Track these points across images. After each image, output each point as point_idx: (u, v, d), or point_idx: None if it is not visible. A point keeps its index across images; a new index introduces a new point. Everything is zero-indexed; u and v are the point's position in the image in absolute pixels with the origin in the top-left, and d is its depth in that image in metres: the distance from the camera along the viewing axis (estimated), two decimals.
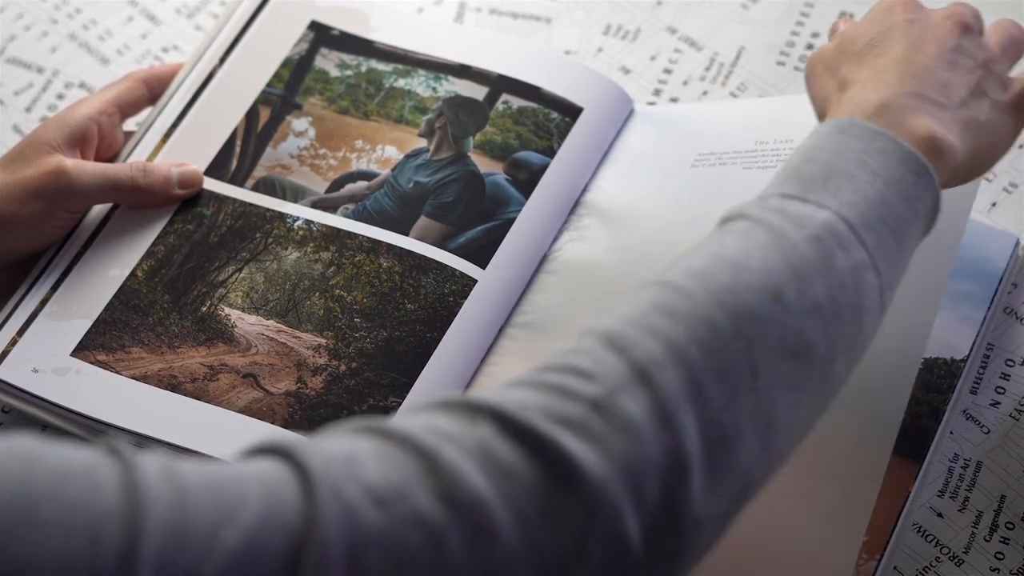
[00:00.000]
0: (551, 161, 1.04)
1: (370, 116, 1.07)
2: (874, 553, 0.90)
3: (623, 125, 1.07)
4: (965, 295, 0.99)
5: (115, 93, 1.05)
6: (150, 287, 1.00)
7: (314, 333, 0.97)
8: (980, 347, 0.98)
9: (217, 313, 0.99)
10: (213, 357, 0.97)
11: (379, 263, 1.00)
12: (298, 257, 1.01)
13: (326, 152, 1.06)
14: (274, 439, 0.66)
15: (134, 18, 1.20)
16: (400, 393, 0.94)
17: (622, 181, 1.04)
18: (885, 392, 0.93)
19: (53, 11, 1.20)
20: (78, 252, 1.01)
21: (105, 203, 1.02)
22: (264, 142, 1.06)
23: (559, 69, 1.08)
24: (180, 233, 1.02)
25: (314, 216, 1.02)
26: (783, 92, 1.12)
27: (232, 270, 1.01)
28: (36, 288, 1.00)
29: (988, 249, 1.01)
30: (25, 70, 1.18)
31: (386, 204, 1.03)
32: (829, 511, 0.90)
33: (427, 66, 1.09)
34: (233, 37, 1.09)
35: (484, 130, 1.05)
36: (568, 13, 1.18)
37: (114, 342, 0.97)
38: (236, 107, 1.07)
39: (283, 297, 1.00)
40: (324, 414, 0.93)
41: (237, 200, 1.03)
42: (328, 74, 1.09)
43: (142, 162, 1.03)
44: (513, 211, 1.02)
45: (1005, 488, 0.95)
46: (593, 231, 1.02)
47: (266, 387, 0.95)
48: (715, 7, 1.17)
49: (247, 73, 1.08)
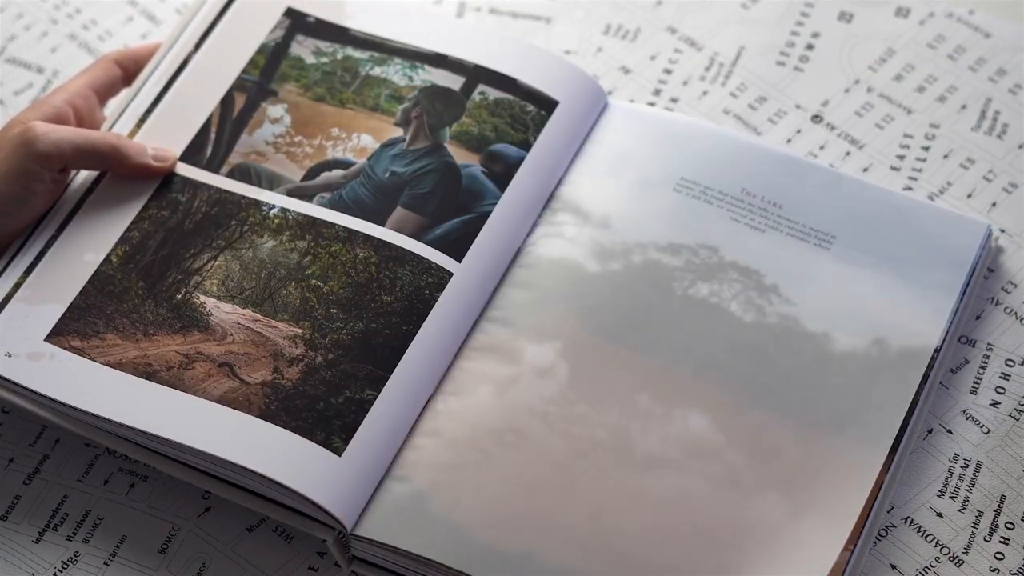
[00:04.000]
0: (527, 155, 1.04)
1: (346, 104, 1.07)
2: (848, 544, 0.91)
3: (597, 119, 1.08)
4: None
5: (89, 76, 1.05)
6: (124, 273, 0.99)
7: (290, 323, 0.98)
8: (953, 337, 0.99)
9: (192, 301, 0.99)
10: (188, 345, 0.97)
11: (355, 253, 1.00)
12: (274, 246, 1.01)
13: (302, 140, 1.06)
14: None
15: (134, 18, 1.19)
16: (376, 386, 0.94)
17: (597, 178, 1.05)
18: (885, 396, 0.95)
19: (53, 11, 1.20)
20: (52, 236, 1.01)
21: (80, 165, 1.02)
22: (239, 129, 1.06)
23: (535, 60, 1.08)
24: (155, 219, 1.02)
25: (290, 204, 1.02)
26: (783, 92, 1.13)
27: (207, 257, 1.00)
28: (9, 271, 0.99)
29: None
30: (25, 70, 1.17)
31: (362, 193, 1.03)
32: (817, 506, 0.92)
33: (403, 54, 1.09)
34: (209, 23, 1.09)
35: (460, 121, 1.06)
36: (568, 13, 1.18)
37: (88, 328, 0.97)
38: (211, 93, 1.07)
39: (259, 286, 1.00)
40: (300, 405, 0.94)
41: (212, 187, 1.03)
42: (304, 61, 1.09)
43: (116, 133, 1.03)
44: (489, 204, 1.02)
45: (1005, 488, 0.96)
46: (568, 227, 1.02)
47: (242, 376, 0.95)
48: (715, 7, 1.17)
49: (222, 59, 1.08)
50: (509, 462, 0.93)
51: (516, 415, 0.95)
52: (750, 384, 0.96)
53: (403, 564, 0.92)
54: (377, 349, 0.96)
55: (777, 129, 1.11)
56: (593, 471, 0.93)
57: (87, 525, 0.96)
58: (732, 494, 0.92)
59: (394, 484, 0.93)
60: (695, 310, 0.99)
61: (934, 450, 0.97)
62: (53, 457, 0.99)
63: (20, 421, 1.00)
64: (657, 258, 1.01)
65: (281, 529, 0.96)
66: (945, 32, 1.15)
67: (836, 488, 0.93)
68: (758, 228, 1.02)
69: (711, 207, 1.03)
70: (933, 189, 1.08)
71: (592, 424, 0.94)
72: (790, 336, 0.98)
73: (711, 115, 1.12)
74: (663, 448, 0.94)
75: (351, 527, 0.91)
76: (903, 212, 1.03)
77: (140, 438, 0.94)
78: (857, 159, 1.09)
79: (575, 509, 0.91)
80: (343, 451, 0.92)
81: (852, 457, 0.94)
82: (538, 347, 0.97)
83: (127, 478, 0.98)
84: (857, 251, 1.01)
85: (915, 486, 0.96)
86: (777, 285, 1.00)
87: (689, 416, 0.95)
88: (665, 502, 0.92)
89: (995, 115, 1.11)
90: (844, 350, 0.98)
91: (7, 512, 0.96)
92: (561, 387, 0.96)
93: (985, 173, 1.08)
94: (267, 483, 0.91)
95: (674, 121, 1.07)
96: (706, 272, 1.00)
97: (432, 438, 0.94)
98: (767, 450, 0.94)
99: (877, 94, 1.12)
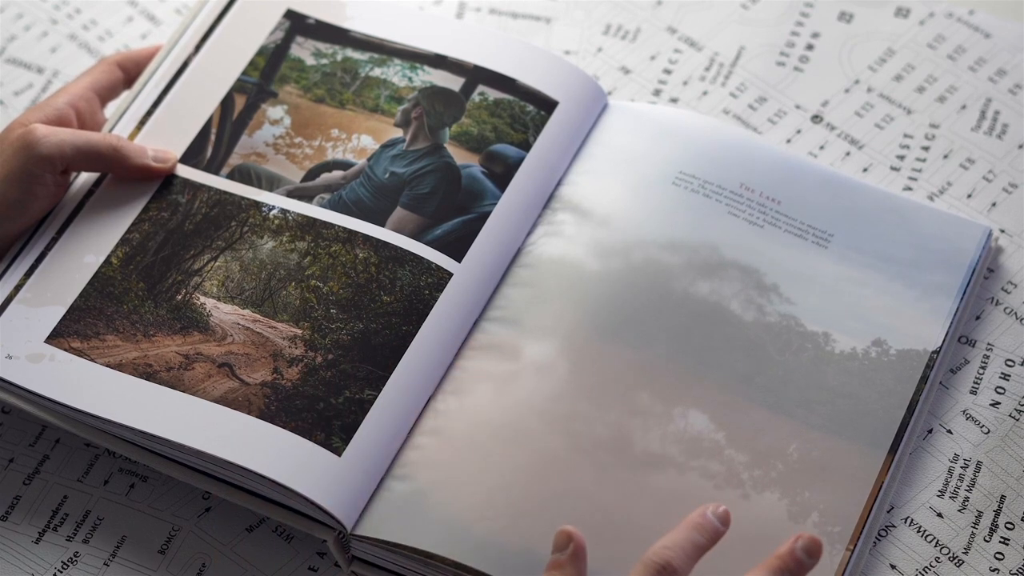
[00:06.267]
0: (527, 155, 1.04)
1: (346, 105, 1.07)
2: (848, 545, 0.91)
3: (597, 119, 1.08)
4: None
5: (91, 79, 1.06)
6: (125, 274, 0.99)
7: (290, 323, 0.98)
8: (953, 338, 0.99)
9: (192, 302, 0.99)
10: (188, 346, 0.97)
11: (355, 254, 1.00)
12: (274, 246, 1.01)
13: (302, 141, 1.06)
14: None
15: (134, 18, 1.20)
16: (376, 386, 0.95)
17: (597, 177, 1.05)
18: (885, 397, 0.95)
19: (53, 11, 1.20)
20: (52, 238, 1.01)
21: (81, 166, 1.02)
22: (239, 130, 1.06)
23: (534, 61, 1.08)
24: (155, 220, 1.02)
25: (290, 205, 1.02)
26: (783, 92, 1.13)
27: (207, 258, 1.01)
28: (9, 274, 0.99)
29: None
30: (25, 70, 1.17)
31: (362, 194, 1.03)
32: (817, 506, 0.92)
33: (403, 55, 1.09)
34: (209, 25, 1.09)
35: (460, 121, 1.06)
36: (568, 13, 1.18)
37: (89, 329, 0.97)
38: (211, 95, 1.07)
39: (259, 286, 1.00)
40: (300, 405, 0.94)
41: (212, 188, 1.03)
42: (304, 62, 1.09)
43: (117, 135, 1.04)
44: (489, 204, 1.02)
45: (1005, 488, 0.96)
46: (568, 226, 1.02)
47: (242, 377, 0.95)
48: (715, 7, 1.18)
49: (222, 61, 1.08)
50: (509, 460, 0.93)
51: (516, 413, 0.95)
52: (750, 383, 0.96)
53: (403, 564, 0.91)
54: (377, 349, 0.96)
55: (777, 129, 1.11)
56: (593, 469, 0.93)
57: (87, 525, 0.96)
58: (732, 493, 0.92)
59: (394, 484, 0.93)
60: (695, 308, 0.99)
61: (934, 450, 0.97)
62: (53, 457, 0.99)
63: (20, 421, 1.00)
64: (657, 256, 1.01)
65: (281, 529, 0.96)
66: (945, 32, 1.15)
67: (836, 488, 0.93)
68: (756, 224, 1.02)
69: (710, 201, 1.03)
70: (933, 189, 1.08)
71: (592, 422, 0.94)
72: (790, 335, 0.98)
73: (711, 115, 1.12)
74: (663, 446, 0.94)
75: (351, 527, 0.91)
76: (902, 214, 1.03)
77: (140, 439, 0.94)
78: (857, 159, 1.09)
79: (575, 506, 0.91)
80: (343, 451, 0.92)
81: (852, 457, 0.94)
82: (538, 345, 0.97)
83: (127, 478, 0.98)
84: (856, 250, 1.01)
85: (915, 486, 0.96)
86: (777, 284, 1.00)
87: (689, 415, 0.95)
88: (664, 500, 0.92)
89: (995, 115, 1.11)
90: (844, 350, 0.98)
91: (7, 512, 0.97)
92: (561, 385, 0.96)
93: (985, 173, 1.08)
94: (267, 483, 0.91)
95: (673, 116, 1.07)
96: (706, 270, 1.00)
97: (432, 437, 0.94)
98: (767, 450, 0.94)
99: (877, 94, 1.12)
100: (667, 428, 0.94)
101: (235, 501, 0.93)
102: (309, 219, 1.02)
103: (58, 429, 0.99)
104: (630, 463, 0.93)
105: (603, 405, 0.95)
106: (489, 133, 1.05)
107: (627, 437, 0.94)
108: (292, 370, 0.95)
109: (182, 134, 1.05)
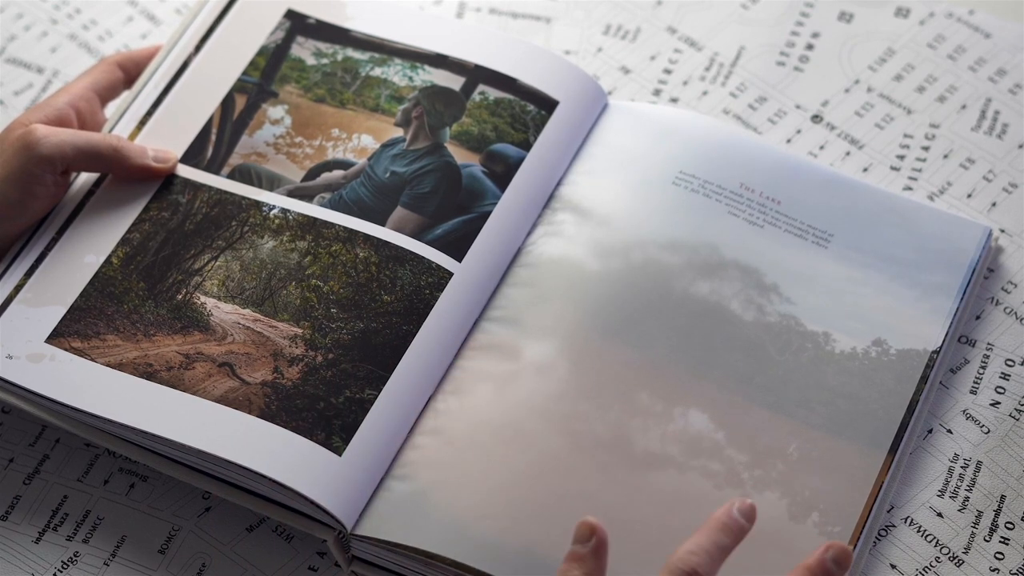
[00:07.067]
0: (527, 155, 1.04)
1: (346, 105, 1.07)
2: (848, 544, 0.91)
3: (597, 119, 1.08)
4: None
5: (91, 79, 1.06)
6: (125, 274, 1.00)
7: (290, 323, 0.98)
8: (953, 338, 0.99)
9: (193, 301, 0.99)
10: (189, 345, 0.97)
11: (356, 253, 1.00)
12: (274, 246, 1.01)
13: (302, 140, 1.06)
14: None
15: (134, 18, 1.20)
16: (376, 385, 0.95)
17: (597, 177, 1.05)
18: (885, 396, 0.96)
19: (53, 11, 1.20)
20: (52, 238, 1.01)
21: (81, 166, 1.02)
22: (240, 130, 1.06)
23: (535, 60, 1.08)
24: (155, 220, 1.02)
25: (290, 205, 1.02)
26: (783, 92, 1.13)
27: (208, 258, 1.01)
28: (10, 273, 0.99)
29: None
30: (25, 70, 1.17)
31: (363, 194, 1.03)
32: (817, 506, 0.92)
33: (403, 55, 1.09)
34: (209, 25, 1.09)
35: (461, 121, 1.06)
36: (568, 13, 1.18)
37: (89, 329, 0.97)
38: (212, 95, 1.07)
39: (259, 286, 1.00)
40: (301, 405, 0.94)
41: (213, 188, 1.03)
42: (304, 62, 1.09)
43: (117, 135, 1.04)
44: (489, 204, 1.02)
45: (1005, 488, 0.96)
46: (568, 226, 1.02)
47: (242, 376, 0.95)
48: (715, 7, 1.18)
49: (223, 61, 1.08)
50: (509, 460, 0.93)
51: (516, 413, 0.95)
52: (750, 383, 0.96)
53: (403, 564, 0.92)
54: (377, 349, 0.96)
55: (777, 129, 1.11)
56: (593, 468, 0.93)
57: (87, 525, 0.96)
58: (732, 493, 0.92)
59: (394, 483, 0.93)
60: (695, 308, 0.99)
61: (934, 450, 0.97)
62: (53, 457, 0.99)
63: (20, 421, 1.00)
64: (657, 256, 1.01)
65: (281, 529, 0.96)
66: (945, 32, 1.15)
67: (836, 488, 0.93)
68: (756, 224, 1.02)
69: (710, 201, 1.03)
70: (933, 189, 1.08)
71: (592, 421, 0.94)
72: (790, 335, 0.98)
73: (711, 115, 1.12)
74: (663, 446, 0.94)
75: (351, 527, 0.91)
76: (903, 213, 1.03)
77: (140, 439, 0.94)
78: (857, 159, 1.10)
79: (575, 505, 0.91)
80: (343, 451, 0.92)
81: (852, 457, 0.94)
82: (538, 345, 0.97)
83: (127, 478, 0.98)
84: (856, 250, 1.01)
85: (915, 486, 0.96)
86: (777, 284, 1.00)
87: (689, 414, 0.95)
88: (664, 499, 0.92)
89: (995, 115, 1.11)
90: (844, 350, 0.98)
91: (7, 512, 0.97)
92: (561, 385, 0.96)
93: (985, 173, 1.08)
94: (267, 483, 0.91)
95: (673, 116, 1.07)
96: (706, 270, 1.00)
97: (432, 437, 0.94)
98: (767, 449, 0.94)
99: (877, 94, 1.12)
100: (667, 428, 0.94)
101: (235, 501, 0.93)
102: (309, 219, 1.02)
103: (58, 429, 0.99)
104: (630, 463, 0.93)
105: (603, 405, 0.95)
106: (489, 133, 1.05)
107: (627, 437, 0.94)
108: (292, 370, 0.95)
109: (182, 134, 1.05)
